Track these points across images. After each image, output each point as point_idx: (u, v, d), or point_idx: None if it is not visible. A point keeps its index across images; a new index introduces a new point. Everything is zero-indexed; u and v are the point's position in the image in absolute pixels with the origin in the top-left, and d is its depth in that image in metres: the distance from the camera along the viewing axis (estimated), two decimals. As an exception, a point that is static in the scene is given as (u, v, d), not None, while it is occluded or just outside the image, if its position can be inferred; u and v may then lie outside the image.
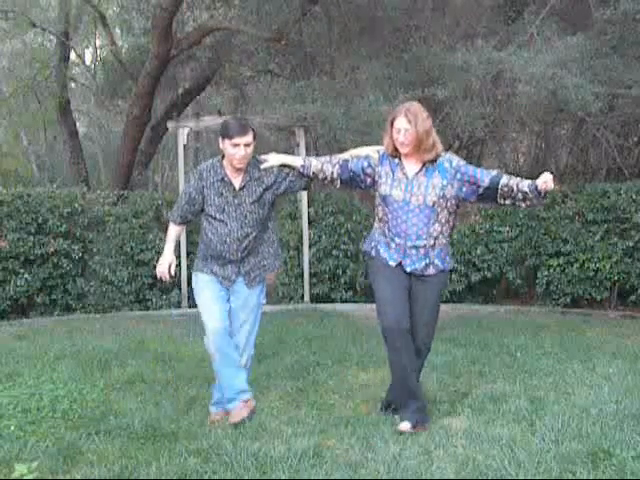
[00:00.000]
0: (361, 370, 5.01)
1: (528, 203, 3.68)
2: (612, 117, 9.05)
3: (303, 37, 10.83)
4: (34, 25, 12.09)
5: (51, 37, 13.31)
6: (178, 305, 8.45)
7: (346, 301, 8.67)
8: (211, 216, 3.96)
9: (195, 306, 4.11)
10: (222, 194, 3.92)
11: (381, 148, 3.90)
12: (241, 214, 3.91)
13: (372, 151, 3.94)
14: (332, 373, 4.92)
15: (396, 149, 3.78)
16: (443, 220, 3.78)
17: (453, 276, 8.56)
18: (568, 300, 8.38)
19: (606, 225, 8.22)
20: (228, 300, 4.05)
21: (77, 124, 14.54)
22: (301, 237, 8.74)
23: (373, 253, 3.89)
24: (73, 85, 15.50)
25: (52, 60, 12.84)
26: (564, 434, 3.51)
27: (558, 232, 8.42)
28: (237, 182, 3.92)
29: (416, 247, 3.76)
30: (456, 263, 8.53)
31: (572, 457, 3.23)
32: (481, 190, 3.72)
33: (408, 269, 3.79)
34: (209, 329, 3.92)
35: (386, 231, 3.84)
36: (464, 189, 3.76)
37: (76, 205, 8.59)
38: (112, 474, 3.18)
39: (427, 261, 3.78)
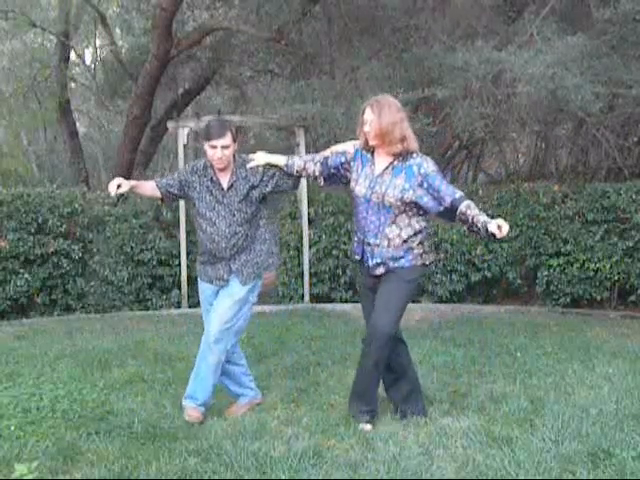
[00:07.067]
0: (361, 370, 5.00)
1: (482, 235, 3.54)
2: (612, 117, 9.04)
3: (303, 37, 10.82)
4: (34, 25, 12.06)
5: (51, 37, 13.29)
6: (178, 305, 8.42)
7: (346, 301, 8.66)
8: (201, 214, 4.01)
9: (195, 306, 4.13)
10: (212, 193, 3.98)
11: (358, 142, 3.92)
12: (230, 212, 3.95)
13: (349, 146, 3.96)
14: (332, 373, 4.92)
15: (368, 142, 3.79)
16: (402, 224, 3.74)
17: (453, 276, 8.56)
18: (568, 300, 8.38)
19: (606, 225, 8.21)
20: None
21: (77, 124, 14.55)
22: (301, 237, 8.73)
23: (355, 255, 3.95)
24: (73, 85, 15.48)
25: (52, 60, 12.83)
26: (564, 434, 3.51)
27: (558, 232, 8.42)
28: (225, 182, 3.97)
29: (369, 244, 3.81)
30: (456, 263, 8.55)
31: (572, 457, 3.23)
32: (442, 209, 3.67)
33: (365, 264, 3.86)
34: (204, 337, 4.03)
35: (355, 225, 3.95)
36: (425, 199, 3.68)
37: (76, 205, 8.58)
38: (112, 474, 3.18)
39: (378, 260, 3.78)
